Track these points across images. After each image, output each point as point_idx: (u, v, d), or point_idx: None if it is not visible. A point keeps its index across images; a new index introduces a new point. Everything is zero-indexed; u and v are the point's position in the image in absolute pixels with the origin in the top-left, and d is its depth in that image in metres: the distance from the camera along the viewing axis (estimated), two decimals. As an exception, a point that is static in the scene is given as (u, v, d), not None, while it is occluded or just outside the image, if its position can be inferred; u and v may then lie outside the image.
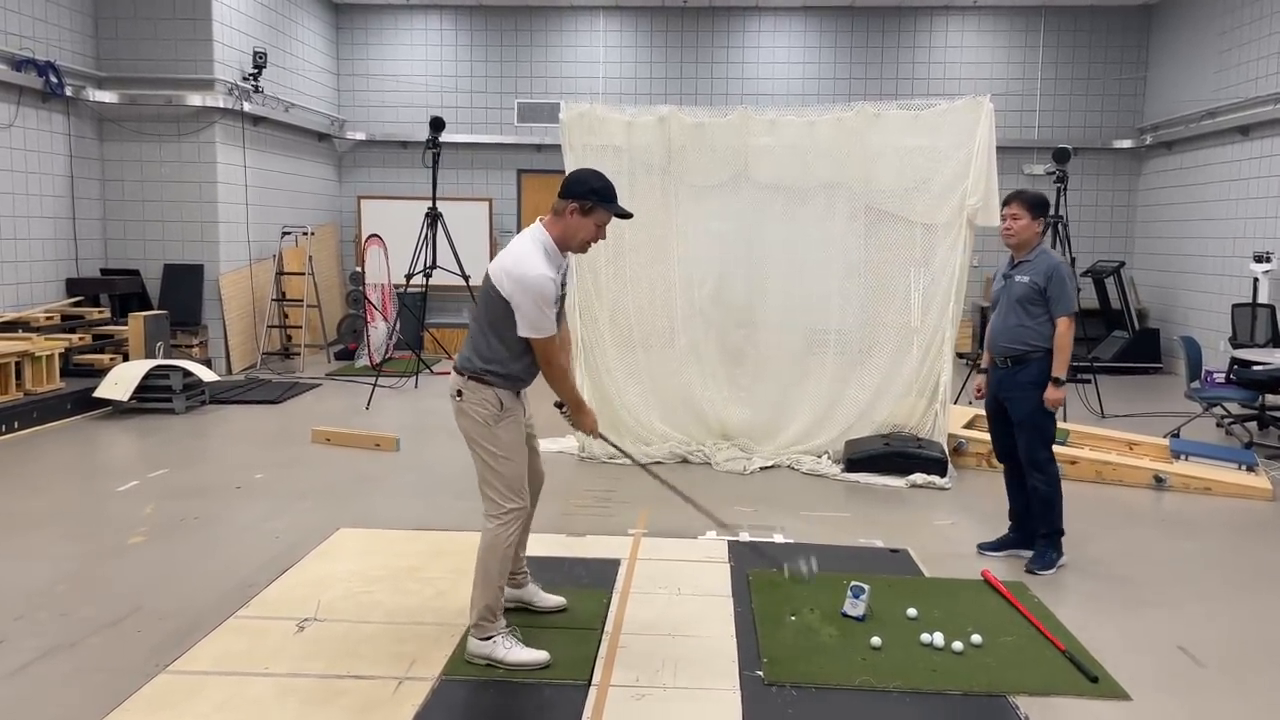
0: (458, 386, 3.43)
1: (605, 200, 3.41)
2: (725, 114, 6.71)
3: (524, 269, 3.28)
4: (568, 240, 3.43)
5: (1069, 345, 4.46)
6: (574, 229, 3.40)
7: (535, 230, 3.44)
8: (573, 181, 3.43)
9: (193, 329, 9.69)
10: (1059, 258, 4.57)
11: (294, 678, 3.31)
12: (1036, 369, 4.49)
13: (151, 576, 4.30)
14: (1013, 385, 4.57)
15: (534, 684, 3.30)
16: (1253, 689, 3.41)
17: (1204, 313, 10.59)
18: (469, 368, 3.41)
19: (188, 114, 9.67)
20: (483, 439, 3.41)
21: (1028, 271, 4.53)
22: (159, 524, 5.06)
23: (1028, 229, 4.56)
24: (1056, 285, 4.45)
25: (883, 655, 3.58)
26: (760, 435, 6.80)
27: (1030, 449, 4.58)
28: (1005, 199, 4.66)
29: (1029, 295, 4.50)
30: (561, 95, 12.54)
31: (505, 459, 3.42)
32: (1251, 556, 4.89)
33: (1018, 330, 4.54)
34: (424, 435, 7.25)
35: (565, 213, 3.39)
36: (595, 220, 3.41)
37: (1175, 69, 11.54)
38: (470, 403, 3.40)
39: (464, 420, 3.44)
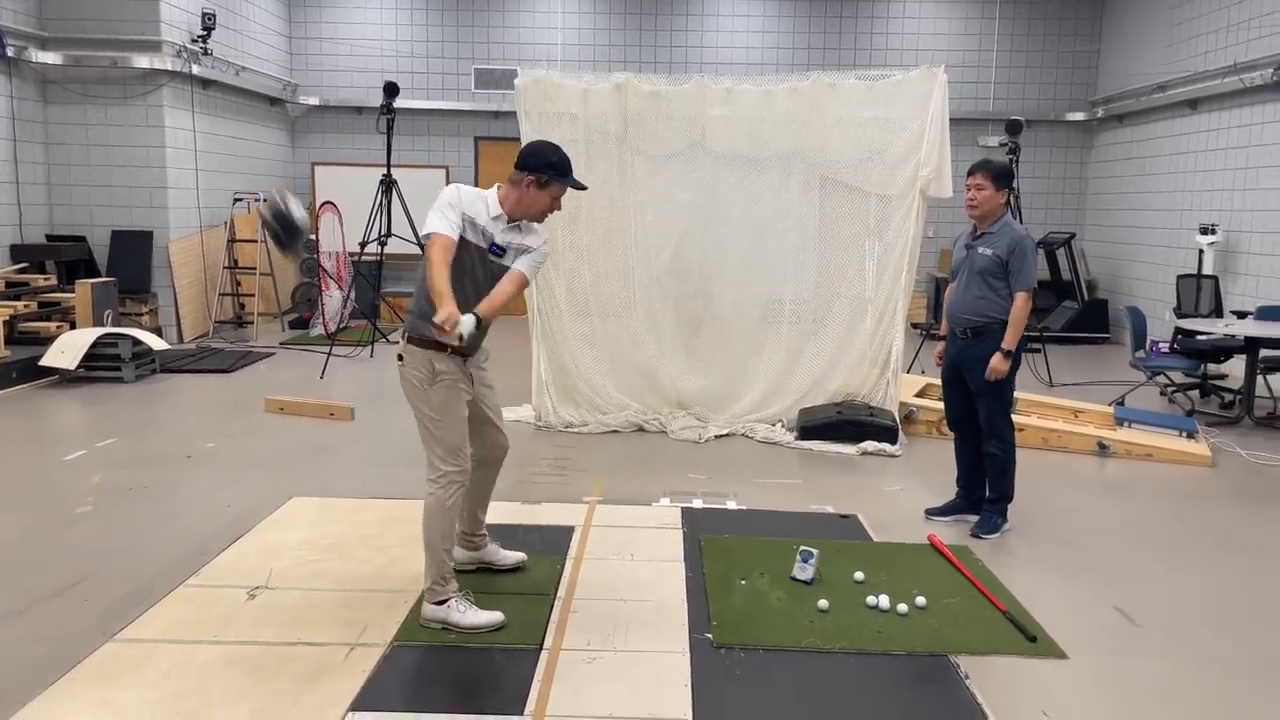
0: (400, 351, 3.50)
1: (561, 174, 3.47)
2: (682, 83, 6.69)
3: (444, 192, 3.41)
4: (522, 210, 3.47)
5: (1024, 319, 4.49)
6: (529, 201, 3.45)
7: (495, 190, 3.50)
8: (529, 154, 3.48)
9: (142, 297, 9.52)
10: (1023, 231, 4.57)
11: (243, 645, 3.30)
12: (995, 340, 4.51)
13: (99, 546, 4.26)
14: (972, 356, 4.60)
15: (485, 648, 3.33)
16: (1183, 647, 3.53)
17: (1151, 283, 10.80)
18: (407, 329, 3.49)
19: (134, 76, 9.44)
20: (419, 401, 3.46)
21: (990, 244, 4.53)
22: (107, 493, 5.00)
23: (991, 200, 4.55)
24: (1019, 259, 4.46)
25: (830, 618, 3.66)
26: (716, 404, 6.85)
27: (990, 417, 4.65)
28: (970, 169, 4.64)
29: (991, 268, 4.50)
30: (519, 62, 12.38)
31: (440, 421, 3.45)
32: (1189, 521, 5.04)
33: (978, 302, 4.56)
34: (379, 404, 7.21)
35: (522, 185, 3.44)
36: (551, 193, 3.48)
37: (1127, 42, 11.68)
38: (408, 365, 3.46)
39: (405, 385, 3.49)
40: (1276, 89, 8.61)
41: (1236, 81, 9.06)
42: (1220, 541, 4.72)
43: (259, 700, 2.95)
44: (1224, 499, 5.43)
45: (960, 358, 4.68)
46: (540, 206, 3.48)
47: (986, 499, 4.74)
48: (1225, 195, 9.48)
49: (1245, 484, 5.72)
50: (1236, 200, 9.30)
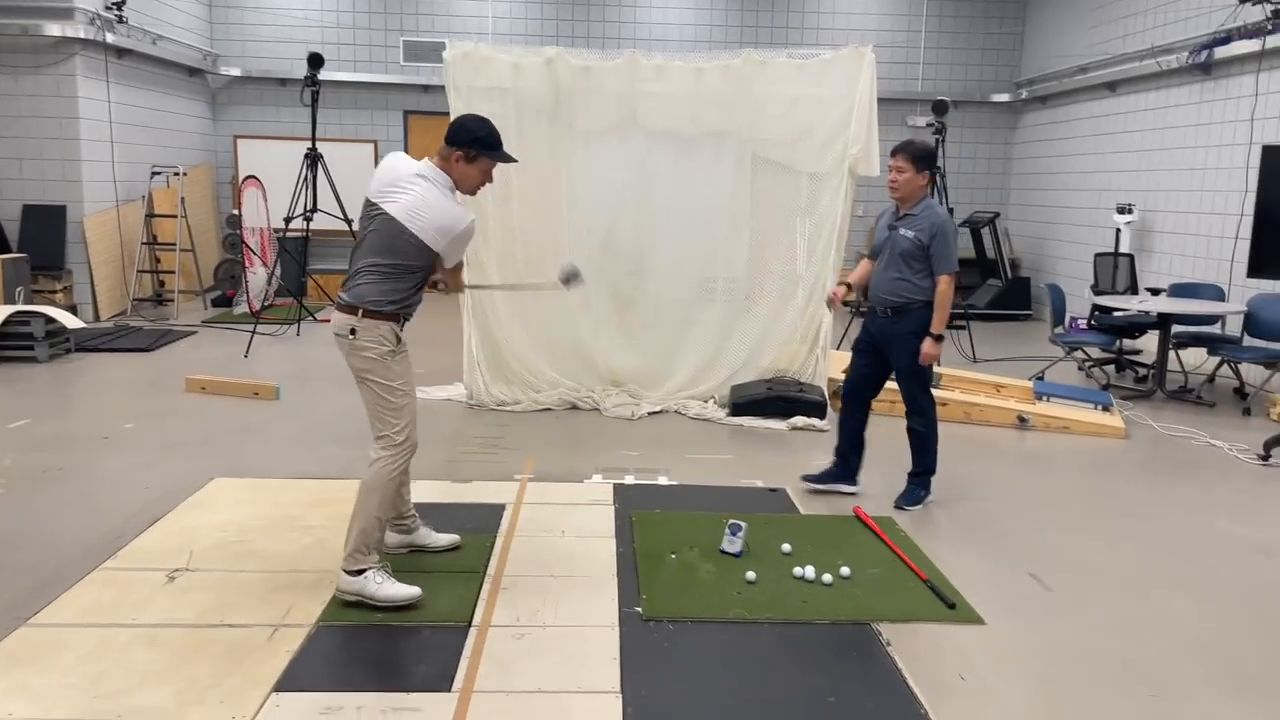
0: (350, 325, 3.40)
1: (489, 148, 3.47)
2: (613, 58, 6.64)
3: (452, 222, 3.38)
4: (455, 186, 3.49)
5: (949, 302, 4.54)
6: (459, 176, 3.47)
7: (432, 171, 3.43)
8: (457, 129, 3.47)
9: (55, 273, 9.19)
10: (944, 214, 4.62)
11: (163, 628, 3.24)
12: (916, 319, 4.57)
13: (10, 529, 4.12)
14: (893, 334, 4.66)
15: (413, 627, 3.31)
16: (1092, 609, 3.67)
17: (1072, 262, 11.10)
18: (364, 303, 3.39)
19: (45, 45, 9.06)
20: (379, 374, 3.42)
21: (912, 226, 4.56)
22: (19, 476, 4.84)
23: (912, 182, 4.58)
24: (940, 243, 4.51)
25: (757, 589, 3.71)
26: (649, 381, 6.88)
27: (912, 394, 4.74)
28: (892, 151, 4.67)
29: (912, 251, 4.54)
30: (448, 34, 12.19)
31: (402, 391, 3.45)
32: (1101, 490, 5.22)
33: (898, 283, 4.60)
34: (306, 383, 7.08)
35: (451, 159, 3.43)
36: (479, 168, 3.49)
37: (1051, 25, 11.93)
38: (366, 339, 3.39)
39: (356, 358, 3.42)
40: (1190, 72, 8.88)
41: (1153, 64, 9.33)
42: (1129, 510, 4.90)
43: (180, 682, 2.90)
44: (1135, 470, 5.64)
45: (882, 335, 4.73)
46: (470, 182, 3.50)
47: (910, 472, 4.85)
48: (1142, 176, 9.78)
49: (1155, 455, 5.94)
50: (1152, 180, 9.60)
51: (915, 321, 4.58)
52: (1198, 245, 8.83)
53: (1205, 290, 8.01)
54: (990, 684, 3.08)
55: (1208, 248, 8.67)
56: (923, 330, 4.56)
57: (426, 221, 3.35)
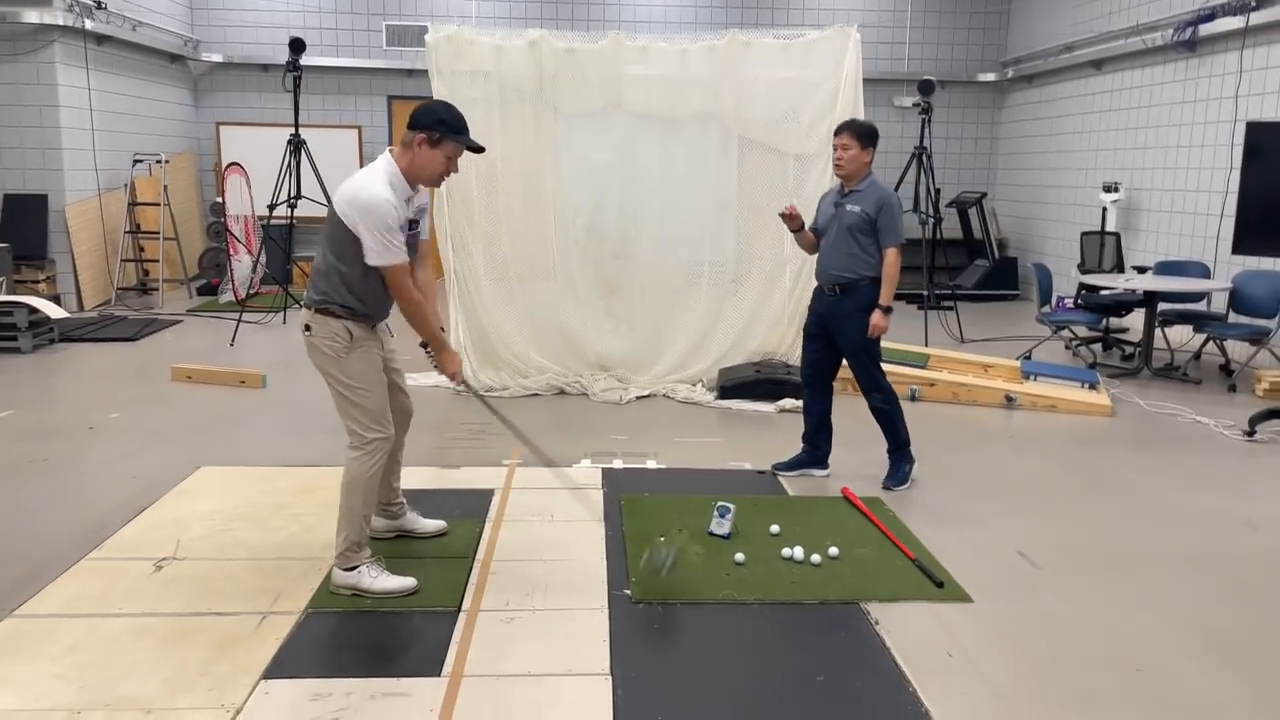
0: (306, 321, 3.38)
1: (454, 132, 3.34)
2: (597, 40, 6.60)
3: (365, 195, 3.22)
4: (416, 173, 3.36)
5: (897, 275, 4.56)
6: (423, 162, 3.34)
7: (383, 159, 3.37)
8: (421, 112, 3.35)
9: (38, 263, 9.11)
10: (889, 189, 4.66)
11: (150, 617, 3.22)
12: (863, 296, 4.58)
13: (-4, 522, 4.10)
14: (840, 313, 4.65)
15: (402, 612, 3.31)
16: (1080, 587, 3.69)
17: (1059, 241, 11.12)
18: (314, 300, 3.36)
19: (24, 32, 8.96)
20: (336, 371, 3.37)
21: (858, 201, 4.58)
22: (3, 467, 4.81)
23: (857, 159, 4.59)
24: (887, 216, 4.53)
25: (746, 570, 3.72)
26: (637, 366, 6.87)
27: (864, 372, 4.73)
28: (835, 130, 4.68)
29: (860, 225, 4.55)
30: (431, 18, 12.11)
31: (361, 389, 3.38)
32: (1088, 468, 5.24)
33: (847, 259, 4.59)
34: (292, 371, 7.05)
35: (414, 144, 3.32)
36: (445, 153, 3.35)
37: (1036, 4, 11.91)
38: (319, 336, 3.35)
39: (315, 355, 3.40)
40: (1175, 49, 8.88)
41: (1139, 42, 9.32)
42: (1115, 488, 4.92)
43: (168, 671, 2.89)
44: (1121, 447, 5.66)
45: (828, 315, 4.71)
46: (434, 168, 3.35)
47: (888, 450, 4.85)
48: (1128, 154, 9.79)
49: (1141, 432, 5.97)
50: (1138, 159, 9.61)
51: (862, 298, 4.58)
52: (1184, 223, 8.85)
53: (1191, 268, 8.04)
54: (978, 661, 3.09)
55: (1193, 225, 8.69)
56: (870, 306, 4.57)
57: (344, 192, 3.27)
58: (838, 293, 4.65)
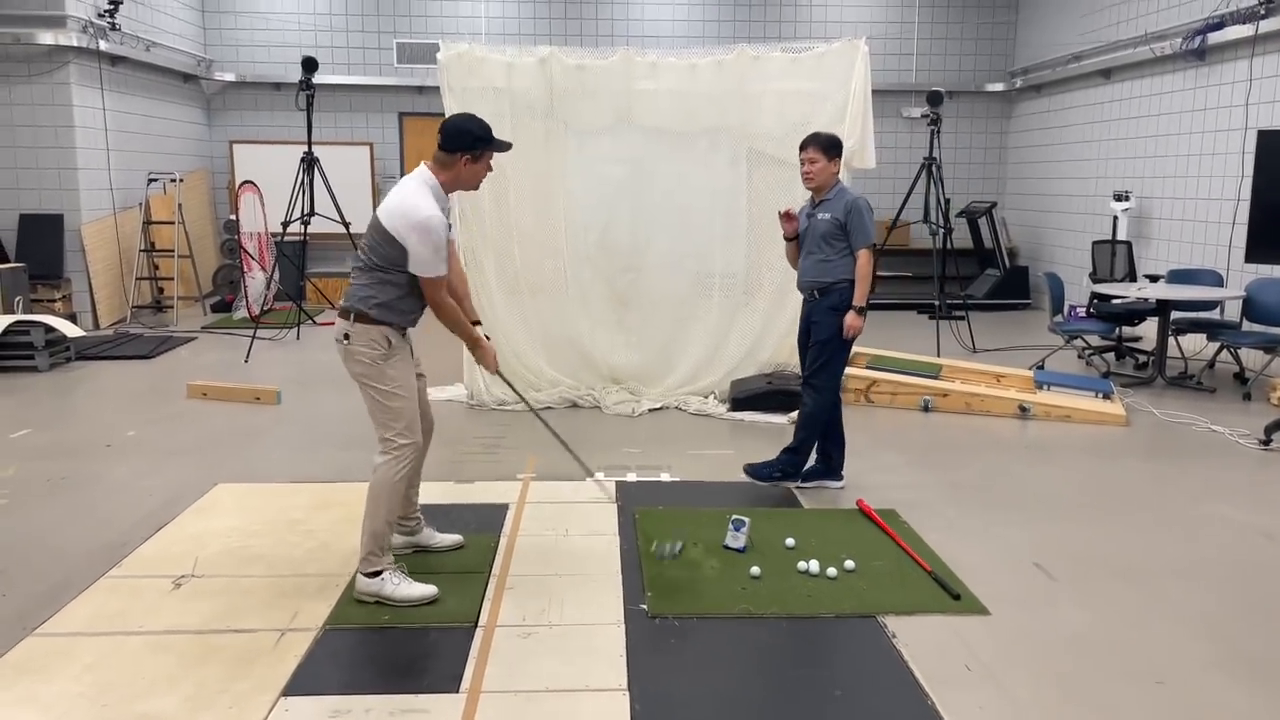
0: (344, 330, 3.45)
1: (489, 143, 3.52)
2: (607, 56, 6.64)
3: (417, 213, 3.35)
4: (461, 185, 3.55)
5: (869, 275, 4.66)
6: (469, 176, 3.53)
7: (422, 173, 3.49)
8: (455, 133, 3.47)
9: (54, 282, 9.18)
10: (857, 194, 4.75)
11: (170, 635, 3.24)
12: (838, 296, 4.69)
13: (15, 540, 4.13)
14: (817, 311, 4.77)
15: (420, 629, 3.32)
16: (1096, 599, 3.67)
17: (1070, 250, 11.10)
18: (354, 309, 3.42)
19: (39, 53, 9.06)
20: (374, 379, 3.44)
21: (828, 209, 4.70)
22: (22, 486, 4.85)
23: (825, 170, 4.71)
24: (855, 218, 4.63)
25: (762, 584, 3.72)
26: (648, 378, 6.88)
27: (814, 368, 4.79)
28: (801, 144, 4.78)
29: (831, 231, 4.67)
30: (441, 35, 12.18)
31: (398, 395, 3.46)
32: (1103, 478, 5.23)
33: (822, 265, 4.71)
34: (307, 387, 7.09)
35: (458, 164, 3.47)
36: (484, 163, 3.54)
37: (1043, 13, 11.92)
38: (358, 344, 3.42)
39: (353, 363, 3.46)
40: (1185, 58, 8.88)
41: (1148, 51, 9.32)
42: (1131, 498, 4.90)
43: (188, 688, 2.91)
44: (1137, 457, 5.64)
45: (809, 315, 4.83)
46: (479, 177, 3.57)
47: (788, 448, 4.87)
48: (1138, 162, 9.78)
49: (1157, 442, 5.95)
50: (1148, 167, 9.59)
51: (836, 298, 4.70)
52: (1195, 231, 8.83)
53: (1203, 276, 8.02)
54: (997, 674, 3.09)
55: (1205, 233, 8.67)
56: (844, 305, 4.68)
57: (389, 205, 3.40)
58: (816, 296, 4.77)
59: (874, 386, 6.74)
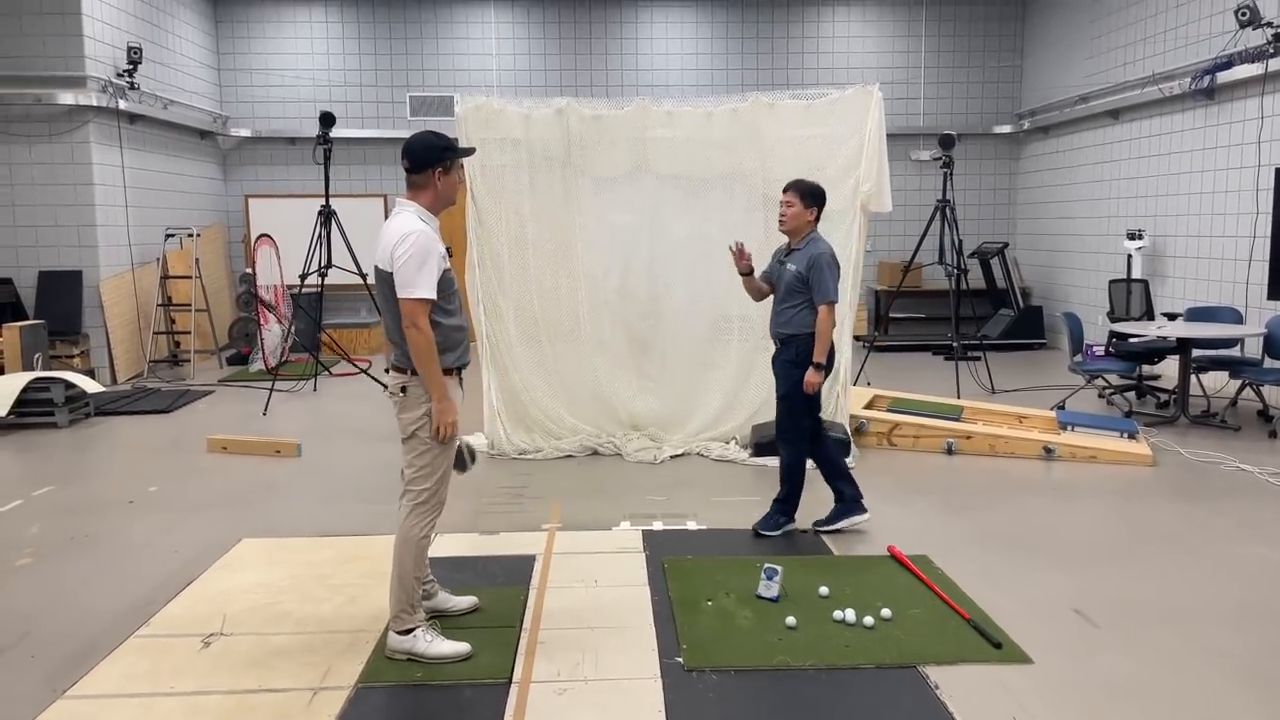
0: (401, 383, 3.42)
1: (456, 151, 3.52)
2: (623, 106, 6.72)
3: (401, 227, 3.32)
4: (443, 201, 3.50)
5: (828, 332, 4.64)
6: (445, 189, 3.49)
7: (401, 206, 3.45)
8: (421, 149, 3.44)
9: (72, 338, 9.23)
10: (825, 247, 4.74)
11: (202, 695, 3.20)
12: (795, 349, 4.70)
13: (41, 600, 4.09)
14: (779, 363, 4.79)
15: (454, 685, 3.26)
16: (1143, 646, 3.60)
17: (1083, 289, 11.09)
18: (409, 364, 3.39)
19: (59, 113, 9.19)
20: (423, 431, 3.41)
21: (796, 260, 4.71)
22: (47, 544, 4.82)
23: (799, 216, 4.73)
24: (816, 273, 4.62)
25: (798, 634, 3.66)
26: (669, 424, 6.85)
27: (783, 415, 4.83)
28: (784, 187, 4.81)
29: (795, 284, 4.68)
30: (454, 88, 12.40)
31: (442, 452, 3.45)
32: (1135, 520, 5.16)
33: (789, 315, 4.73)
34: (326, 439, 7.07)
35: (433, 182, 3.44)
36: (457, 174, 3.53)
37: (1049, 56, 12.04)
38: (415, 398, 3.39)
39: (406, 414, 3.43)
40: (1194, 97, 8.93)
41: (1156, 91, 9.39)
42: (1165, 540, 4.83)
43: (221, 752, 2.86)
44: (1167, 497, 5.57)
45: (774, 364, 4.85)
46: (454, 189, 3.51)
47: (775, 498, 4.90)
48: (1149, 201, 9.80)
49: (1185, 482, 5.88)
50: (1160, 206, 9.61)
51: (794, 352, 4.71)
52: (1211, 269, 8.81)
53: (1222, 313, 7.98)
54: (1045, 725, 3.01)
55: (1221, 270, 8.66)
56: (802, 359, 4.67)
57: (384, 246, 3.33)
58: (780, 345, 4.79)
59: (896, 430, 6.69)
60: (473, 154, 3.67)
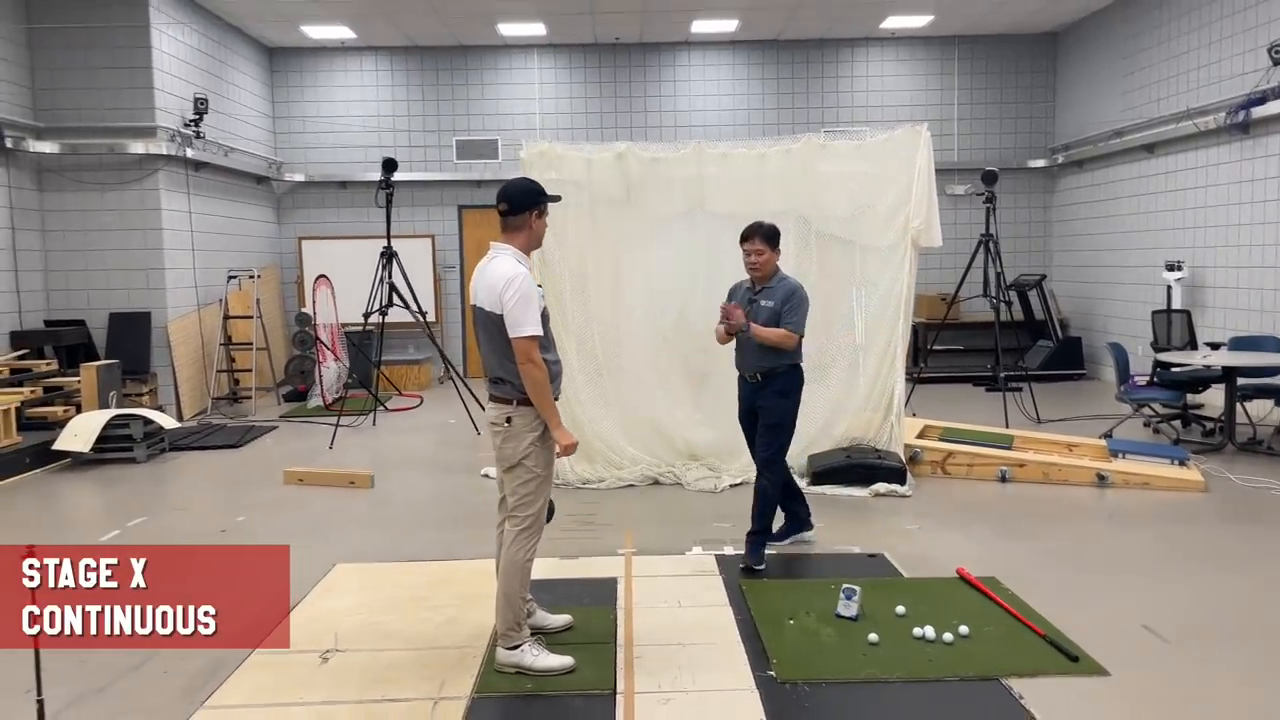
0: (506, 414, 3.65)
1: (548, 197, 3.78)
2: (679, 148, 7.02)
3: (505, 271, 3.57)
4: (534, 243, 3.78)
5: (784, 340, 4.80)
6: (539, 231, 3.76)
7: (497, 251, 3.69)
8: (518, 194, 3.72)
9: (142, 377, 9.57)
10: (797, 282, 4.98)
11: (331, 705, 3.42)
12: (784, 381, 4.90)
13: (158, 621, 4.33)
14: (766, 395, 4.94)
15: (563, 696, 3.48)
16: (1216, 659, 3.76)
17: (1122, 320, 11.23)
18: (516, 395, 3.62)
19: (130, 162, 9.62)
20: (532, 461, 3.65)
21: (770, 296, 4.91)
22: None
23: (770, 261, 4.92)
24: (790, 308, 4.84)
25: (881, 650, 3.84)
26: (727, 454, 7.04)
27: (767, 449, 4.94)
28: (744, 235, 4.94)
29: (770, 319, 4.86)
30: (499, 131, 12.81)
31: (544, 478, 3.69)
32: (1193, 542, 5.31)
33: (763, 349, 4.87)
34: (391, 471, 7.33)
35: (529, 222, 3.71)
36: (545, 217, 3.78)
37: (1082, 92, 12.27)
38: (520, 428, 3.63)
39: (511, 444, 3.65)
40: (1229, 132, 9.13)
41: (1190, 126, 9.59)
42: (1224, 560, 4.97)
43: (358, 756, 3.07)
44: (1222, 522, 5.71)
45: (757, 398, 4.99)
46: (543, 231, 3.80)
47: (751, 531, 4.96)
48: (1187, 233, 9.96)
49: (1239, 506, 6.01)
50: (1198, 237, 9.78)
51: (783, 382, 4.91)
52: (1251, 298, 8.96)
53: (1266, 342, 8.12)
54: (1128, 731, 3.18)
55: (1262, 300, 8.80)
56: (791, 389, 4.91)
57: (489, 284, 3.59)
58: (759, 379, 4.94)
59: (950, 459, 6.86)
60: (557, 200, 3.89)
